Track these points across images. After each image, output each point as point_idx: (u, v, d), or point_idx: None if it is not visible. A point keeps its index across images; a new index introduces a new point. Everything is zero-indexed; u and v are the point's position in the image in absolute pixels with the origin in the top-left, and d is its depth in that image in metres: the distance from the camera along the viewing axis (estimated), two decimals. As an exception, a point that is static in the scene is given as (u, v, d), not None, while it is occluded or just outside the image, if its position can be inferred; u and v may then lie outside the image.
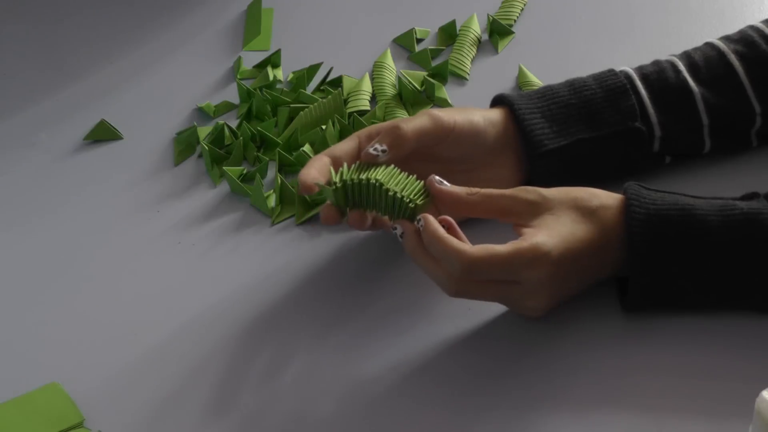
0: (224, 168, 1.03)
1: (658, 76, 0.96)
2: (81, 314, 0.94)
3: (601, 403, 0.83)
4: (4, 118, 1.12)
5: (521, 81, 1.09)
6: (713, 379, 0.84)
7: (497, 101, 0.96)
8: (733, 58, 0.96)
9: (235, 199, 1.02)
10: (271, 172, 1.03)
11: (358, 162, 0.89)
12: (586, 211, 0.86)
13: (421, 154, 0.91)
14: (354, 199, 0.89)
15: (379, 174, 0.88)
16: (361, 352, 0.88)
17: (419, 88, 1.09)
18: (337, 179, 0.88)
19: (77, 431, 0.85)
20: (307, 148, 1.03)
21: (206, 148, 1.05)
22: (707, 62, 0.97)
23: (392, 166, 0.89)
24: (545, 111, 0.94)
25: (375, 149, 0.89)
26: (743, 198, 0.86)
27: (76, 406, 0.86)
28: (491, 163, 0.93)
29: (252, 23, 1.18)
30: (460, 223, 0.86)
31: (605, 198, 0.87)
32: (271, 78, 1.11)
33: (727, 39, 0.98)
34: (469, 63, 1.12)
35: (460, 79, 1.11)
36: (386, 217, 0.89)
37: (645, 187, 0.87)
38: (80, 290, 0.96)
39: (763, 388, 0.69)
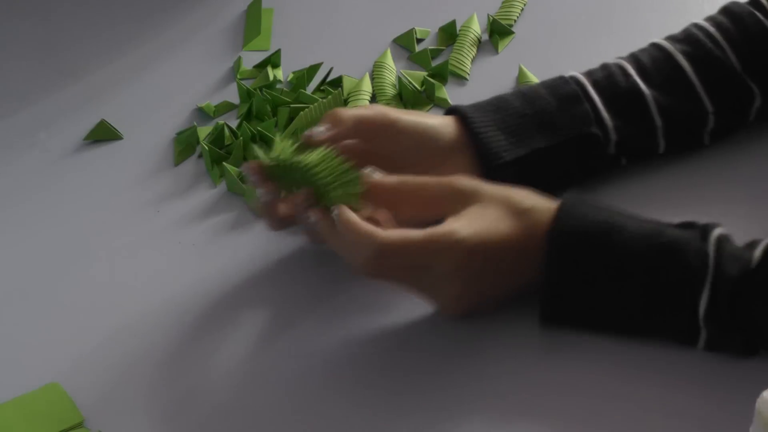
0: (224, 163, 1.03)
1: (608, 81, 0.96)
2: (81, 314, 0.94)
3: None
4: (4, 118, 1.12)
5: (521, 81, 1.08)
6: (713, 379, 0.84)
7: (450, 112, 0.96)
8: (681, 59, 0.96)
9: (235, 199, 1.02)
10: None
11: (298, 143, 0.89)
12: (515, 210, 0.85)
13: (367, 151, 0.91)
14: (284, 180, 0.88)
15: (314, 156, 0.87)
16: (348, 359, 0.89)
17: (419, 88, 1.09)
18: (270, 157, 0.88)
19: (77, 431, 0.85)
20: None
21: (206, 148, 1.05)
22: (655, 64, 0.97)
23: (330, 150, 0.88)
24: (500, 123, 0.93)
25: (313, 130, 0.89)
26: (679, 226, 0.85)
27: (76, 406, 0.86)
28: (441, 165, 0.92)
29: (252, 23, 1.18)
30: None
31: (541, 203, 0.86)
32: (271, 78, 1.11)
33: (672, 39, 0.98)
34: (469, 63, 1.12)
35: (460, 79, 1.11)
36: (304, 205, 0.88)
37: (586, 201, 0.86)
38: (80, 290, 0.96)
39: (764, 389, 0.69)
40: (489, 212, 0.85)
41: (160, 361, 0.90)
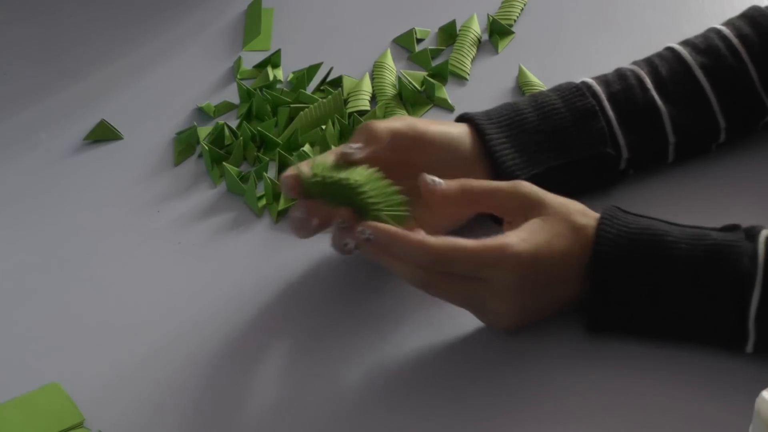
0: (224, 164, 1.03)
1: (625, 95, 0.95)
2: (81, 314, 0.94)
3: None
4: (4, 118, 1.12)
5: (521, 81, 1.08)
6: (711, 379, 0.84)
7: (463, 120, 0.95)
8: (700, 74, 0.95)
9: (235, 199, 1.02)
10: (272, 172, 1.03)
11: (334, 160, 0.88)
12: (572, 227, 0.85)
13: (397, 162, 0.90)
14: (324, 196, 0.87)
15: (359, 175, 0.87)
16: (343, 356, 0.89)
17: (419, 88, 1.09)
18: (313, 173, 0.87)
19: (77, 431, 0.85)
20: (307, 148, 1.03)
21: (206, 148, 1.05)
22: (673, 77, 0.95)
23: (373, 169, 0.88)
24: (514, 140, 0.93)
25: (350, 147, 0.88)
26: (722, 229, 0.85)
27: (76, 406, 0.86)
28: (467, 174, 0.90)
29: (252, 23, 1.18)
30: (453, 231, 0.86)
31: (591, 218, 0.86)
32: (271, 78, 1.11)
33: (692, 48, 0.97)
34: (469, 63, 1.11)
35: (460, 79, 1.11)
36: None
37: (623, 210, 0.86)
38: (80, 290, 0.96)
39: (764, 389, 0.69)
40: (548, 228, 0.84)
41: (161, 360, 0.90)
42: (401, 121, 0.91)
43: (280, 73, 1.13)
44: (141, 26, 1.20)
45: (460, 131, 0.93)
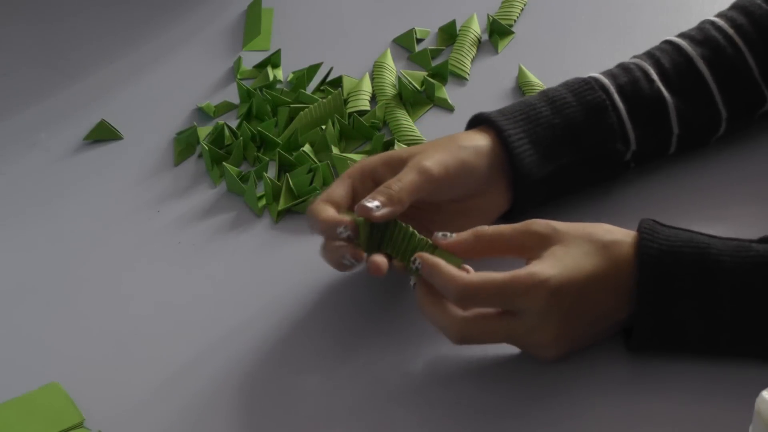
0: (224, 164, 1.03)
1: (632, 87, 0.94)
2: (81, 314, 0.94)
3: None
4: (4, 118, 1.11)
5: (521, 81, 1.08)
6: (712, 381, 0.84)
7: (480, 121, 0.94)
8: (701, 65, 0.95)
9: (235, 199, 1.02)
10: (272, 172, 1.03)
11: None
12: (598, 245, 0.83)
13: (417, 207, 0.90)
14: (377, 240, 0.87)
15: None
16: (345, 359, 0.88)
17: (419, 88, 1.09)
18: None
19: (77, 431, 0.85)
20: (307, 148, 1.03)
21: (206, 148, 1.05)
22: (676, 69, 0.95)
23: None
24: (531, 135, 0.92)
25: (370, 203, 0.86)
26: (760, 240, 0.83)
27: (76, 406, 0.86)
28: (482, 192, 0.91)
29: (252, 23, 1.18)
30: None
31: (618, 233, 0.84)
32: (271, 78, 1.11)
33: (691, 40, 0.97)
34: (469, 63, 1.12)
35: (460, 79, 1.11)
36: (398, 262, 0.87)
37: (659, 223, 0.85)
38: (80, 290, 0.96)
39: (764, 389, 0.69)
40: (572, 251, 0.83)
41: (160, 361, 0.90)
42: (417, 176, 0.87)
43: (280, 73, 1.13)
44: (141, 26, 1.20)
45: (476, 145, 0.91)
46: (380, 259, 0.85)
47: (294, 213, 1.00)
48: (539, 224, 0.85)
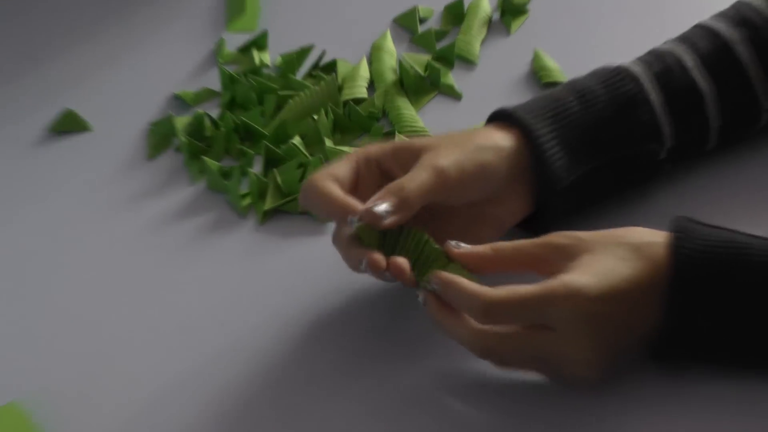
0: (204, 158, 1.01)
1: (666, 78, 0.93)
2: (46, 324, 0.92)
3: None
4: (-41, 109, 1.12)
5: (537, 66, 1.06)
6: (747, 401, 0.80)
7: (504, 117, 0.92)
8: (739, 51, 0.93)
9: (217, 197, 1.01)
10: (257, 167, 1.02)
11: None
12: (630, 247, 0.81)
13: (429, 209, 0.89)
14: (388, 244, 0.86)
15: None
16: (339, 369, 0.87)
17: (422, 73, 1.07)
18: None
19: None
20: (297, 140, 1.02)
21: (184, 140, 1.03)
22: (712, 55, 0.94)
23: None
24: (561, 135, 0.90)
25: (379, 207, 0.84)
26: None
27: (38, 429, 0.85)
28: (499, 198, 0.89)
29: (236, 0, 1.17)
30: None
31: (649, 234, 0.82)
32: (257, 62, 1.10)
33: (727, 23, 0.95)
34: (478, 46, 1.09)
35: (469, 63, 1.09)
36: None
37: (696, 221, 0.83)
38: (46, 298, 0.94)
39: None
40: (603, 257, 0.81)
41: (133, 376, 0.88)
42: (431, 176, 0.86)
43: (267, 57, 1.12)
44: (112, 6, 1.19)
45: (498, 145, 0.89)
46: (402, 261, 0.84)
47: (282, 213, 0.99)
48: (561, 236, 0.83)
